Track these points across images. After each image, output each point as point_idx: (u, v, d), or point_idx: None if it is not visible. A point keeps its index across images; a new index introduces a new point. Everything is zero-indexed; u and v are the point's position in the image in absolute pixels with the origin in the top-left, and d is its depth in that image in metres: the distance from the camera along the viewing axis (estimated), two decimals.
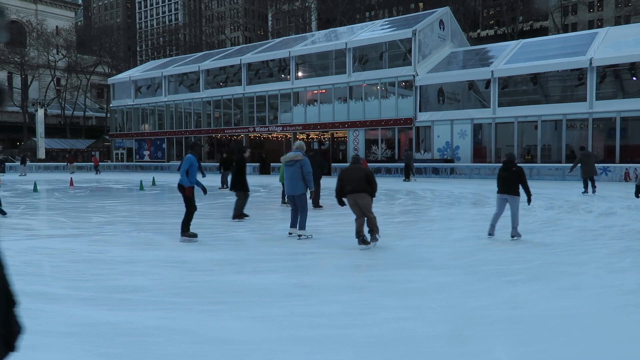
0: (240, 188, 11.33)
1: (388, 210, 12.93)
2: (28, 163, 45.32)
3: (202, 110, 42.37)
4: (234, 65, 40.30)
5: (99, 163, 41.27)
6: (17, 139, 64.16)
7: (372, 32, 35.54)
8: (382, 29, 35.55)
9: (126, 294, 5.31)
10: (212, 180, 29.11)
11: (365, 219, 7.80)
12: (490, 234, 8.56)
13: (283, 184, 11.51)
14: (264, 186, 23.77)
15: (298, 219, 8.85)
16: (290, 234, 9.03)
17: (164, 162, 44.21)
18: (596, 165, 17.65)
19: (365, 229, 7.81)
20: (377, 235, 7.86)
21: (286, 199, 9.10)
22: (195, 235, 8.71)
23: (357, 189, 7.75)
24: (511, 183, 8.24)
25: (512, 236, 8.38)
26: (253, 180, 29.14)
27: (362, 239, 7.70)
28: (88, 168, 45.07)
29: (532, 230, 9.51)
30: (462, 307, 4.86)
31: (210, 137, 42.86)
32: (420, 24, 32.89)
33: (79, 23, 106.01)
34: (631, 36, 28.09)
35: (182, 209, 8.59)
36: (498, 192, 8.50)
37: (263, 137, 40.95)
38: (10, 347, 1.60)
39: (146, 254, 7.58)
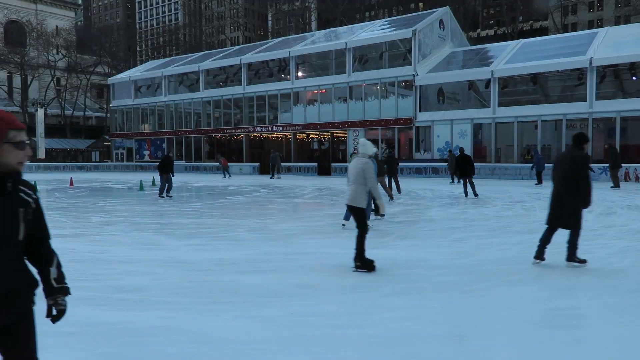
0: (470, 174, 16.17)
1: (388, 210, 12.93)
2: (28, 163, 45.24)
3: (202, 110, 42.37)
4: (234, 65, 40.30)
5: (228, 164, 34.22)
6: None
7: (372, 32, 35.55)
8: (382, 29, 35.56)
9: (126, 294, 5.31)
10: (212, 180, 29.13)
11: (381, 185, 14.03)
12: None
13: None
14: (264, 186, 23.77)
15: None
16: (343, 225, 9.92)
17: None
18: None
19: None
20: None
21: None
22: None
23: (382, 173, 13.92)
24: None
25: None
26: (252, 180, 29.22)
27: None
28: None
29: (532, 230, 9.50)
30: (462, 307, 4.86)
31: (210, 137, 42.86)
32: (420, 24, 32.89)
33: (79, 23, 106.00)
34: (631, 36, 28.10)
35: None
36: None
37: (263, 137, 40.96)
38: None
39: (146, 254, 7.57)
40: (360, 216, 6.39)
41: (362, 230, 6.35)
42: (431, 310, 4.76)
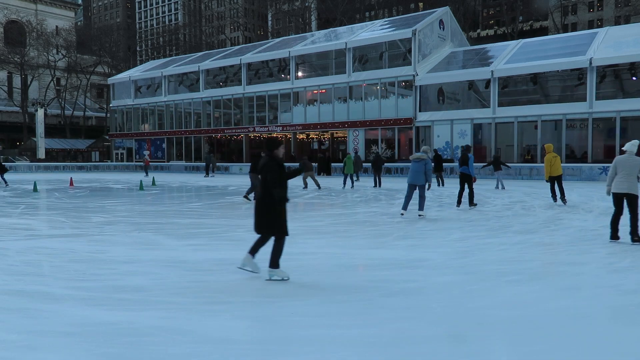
0: None
1: (387, 210, 12.93)
2: (28, 163, 45.34)
3: (202, 110, 42.37)
4: (234, 65, 40.31)
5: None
6: (17, 139, 64.18)
7: (372, 32, 35.55)
8: (382, 29, 35.56)
9: (126, 294, 5.31)
10: (212, 180, 29.10)
11: (312, 179, 19.91)
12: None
13: (346, 175, 21.41)
14: None
15: (409, 203, 11.56)
16: (402, 214, 11.60)
17: (164, 162, 44.21)
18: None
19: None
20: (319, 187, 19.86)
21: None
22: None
23: (310, 169, 19.85)
24: None
25: None
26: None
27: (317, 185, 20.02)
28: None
29: (532, 230, 9.51)
30: (462, 307, 4.86)
31: (210, 137, 42.88)
32: (420, 24, 32.90)
33: (79, 23, 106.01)
34: (631, 36, 28.10)
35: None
36: None
37: (263, 137, 40.94)
38: None
39: (146, 254, 7.57)
40: (636, 202, 7.84)
41: (636, 212, 7.88)
42: (431, 310, 4.76)
